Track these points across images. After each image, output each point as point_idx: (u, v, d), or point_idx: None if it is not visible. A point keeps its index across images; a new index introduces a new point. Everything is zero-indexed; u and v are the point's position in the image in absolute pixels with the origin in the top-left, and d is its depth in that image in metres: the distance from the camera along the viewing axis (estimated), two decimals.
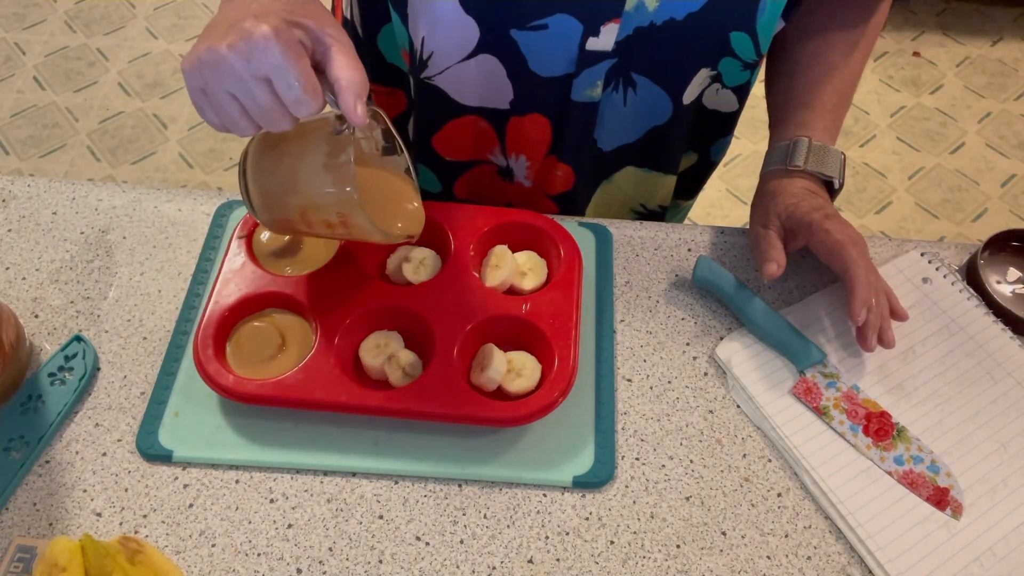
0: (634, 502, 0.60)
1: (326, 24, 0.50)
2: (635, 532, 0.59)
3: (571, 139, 0.74)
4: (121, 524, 0.58)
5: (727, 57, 0.69)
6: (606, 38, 0.64)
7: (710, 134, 0.81)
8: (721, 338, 0.69)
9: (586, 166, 0.78)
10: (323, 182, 0.54)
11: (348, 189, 0.54)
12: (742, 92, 0.75)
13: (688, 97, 0.72)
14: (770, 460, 0.63)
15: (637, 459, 0.62)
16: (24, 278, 0.70)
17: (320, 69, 0.50)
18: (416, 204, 0.64)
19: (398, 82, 0.79)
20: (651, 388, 0.66)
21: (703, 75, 0.70)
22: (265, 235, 0.69)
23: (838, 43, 0.73)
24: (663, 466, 0.62)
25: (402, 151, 0.62)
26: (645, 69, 0.69)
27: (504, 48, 0.66)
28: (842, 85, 0.73)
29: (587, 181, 0.81)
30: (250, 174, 0.57)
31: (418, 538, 0.58)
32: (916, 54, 2.26)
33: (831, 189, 0.71)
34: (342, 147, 0.53)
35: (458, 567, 0.57)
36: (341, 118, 0.53)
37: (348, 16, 0.80)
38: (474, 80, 0.70)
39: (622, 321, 0.70)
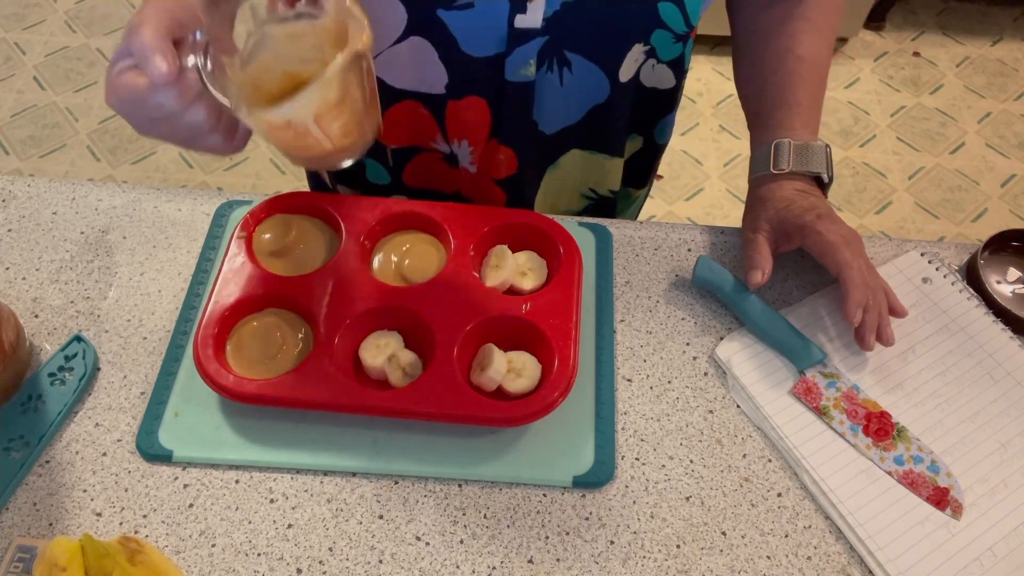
0: (634, 502, 0.60)
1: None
2: (635, 532, 0.59)
3: (510, 121, 0.74)
4: (121, 524, 0.58)
5: (658, 30, 0.69)
6: (533, 15, 0.65)
7: (652, 114, 0.81)
8: (721, 338, 0.69)
9: (529, 150, 0.78)
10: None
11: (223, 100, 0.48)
12: (678, 67, 0.75)
13: (624, 75, 0.72)
14: (770, 460, 0.63)
15: (637, 459, 0.62)
16: (24, 278, 0.70)
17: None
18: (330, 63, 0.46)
19: None
20: (651, 388, 0.66)
21: (637, 51, 0.70)
22: (266, 235, 0.69)
23: (801, 35, 0.73)
24: (663, 466, 0.62)
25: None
26: (577, 46, 0.69)
27: (433, 29, 0.66)
28: (813, 77, 0.72)
29: (532, 166, 0.81)
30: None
31: (418, 538, 0.58)
32: (916, 54, 2.26)
33: (822, 182, 0.71)
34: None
35: (458, 567, 0.57)
36: None
37: None
38: (406, 64, 0.70)
39: (622, 321, 0.70)
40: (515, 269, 0.67)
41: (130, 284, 0.70)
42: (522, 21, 0.65)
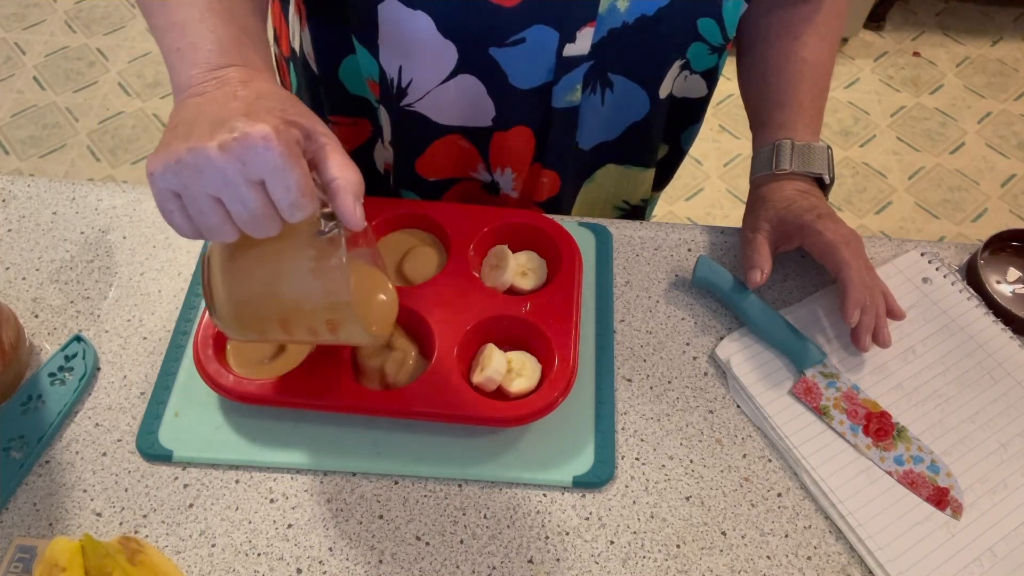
0: (634, 502, 0.60)
1: (316, 122, 0.47)
2: (635, 532, 0.59)
3: (555, 146, 0.74)
4: (121, 524, 0.58)
5: (695, 43, 0.69)
6: (582, 43, 0.64)
7: (682, 123, 0.81)
8: (721, 338, 0.69)
9: (569, 168, 0.78)
10: (312, 287, 0.49)
11: (342, 293, 0.49)
12: (710, 77, 0.75)
13: (664, 91, 0.72)
14: (770, 460, 0.63)
15: (637, 459, 0.62)
16: (24, 278, 0.70)
17: (311, 169, 0.47)
18: (386, 297, 0.60)
19: (361, 112, 0.76)
20: (651, 388, 0.66)
21: (675, 67, 0.70)
22: None
23: (804, 38, 0.73)
24: (663, 466, 0.62)
25: (372, 243, 0.59)
26: (620, 68, 0.68)
27: (483, 66, 0.66)
28: (816, 78, 0.72)
29: (570, 183, 0.81)
30: (218, 279, 0.51)
31: (418, 538, 0.58)
32: (916, 54, 2.26)
33: (823, 184, 0.71)
34: (332, 249, 0.48)
35: (458, 567, 0.57)
36: (327, 216, 0.48)
37: (296, 48, 0.76)
38: (454, 101, 0.69)
39: (622, 321, 0.70)
40: (515, 269, 0.67)
41: (130, 284, 0.70)
42: (571, 50, 0.64)
